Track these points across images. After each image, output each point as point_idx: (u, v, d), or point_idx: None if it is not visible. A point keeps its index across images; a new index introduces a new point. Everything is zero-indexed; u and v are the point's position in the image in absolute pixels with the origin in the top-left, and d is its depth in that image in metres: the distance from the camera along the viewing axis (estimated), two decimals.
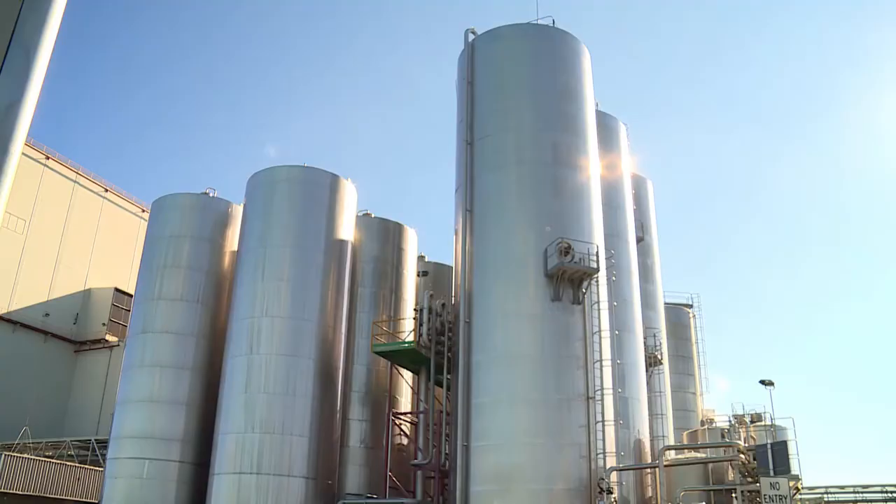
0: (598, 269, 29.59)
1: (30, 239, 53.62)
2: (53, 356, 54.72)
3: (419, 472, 31.66)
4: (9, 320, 52.46)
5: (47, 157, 56.05)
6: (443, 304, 32.71)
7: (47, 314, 54.40)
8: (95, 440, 45.85)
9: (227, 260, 37.87)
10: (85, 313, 56.79)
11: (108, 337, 55.38)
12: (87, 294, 57.27)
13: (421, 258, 42.53)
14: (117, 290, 56.54)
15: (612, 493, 26.71)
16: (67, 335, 55.98)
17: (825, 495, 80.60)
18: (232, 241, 38.10)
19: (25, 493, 39.71)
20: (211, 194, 39.26)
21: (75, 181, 57.80)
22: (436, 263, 42.79)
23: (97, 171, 71.87)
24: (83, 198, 57.90)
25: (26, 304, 53.10)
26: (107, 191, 60.33)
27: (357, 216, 38.56)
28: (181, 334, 35.84)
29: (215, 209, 38.83)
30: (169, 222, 38.29)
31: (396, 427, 35.08)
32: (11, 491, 39.05)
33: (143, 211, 58.56)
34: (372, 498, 33.11)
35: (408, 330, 35.15)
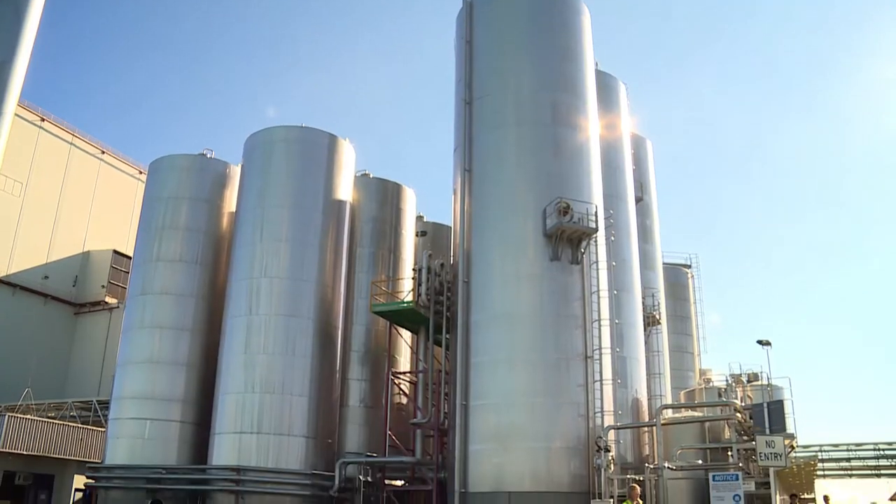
0: (596, 229, 29.61)
1: (27, 201, 53.48)
2: (53, 319, 54.90)
3: (418, 431, 31.89)
4: (8, 283, 52.53)
5: (42, 120, 55.67)
6: (441, 264, 32.77)
7: (46, 277, 54.47)
8: (97, 401, 46.13)
9: (225, 221, 37.82)
10: (84, 276, 56.84)
11: (107, 299, 55.50)
12: (85, 256, 57.27)
13: (419, 218, 42.48)
14: (116, 252, 56.52)
15: (609, 451, 26.96)
16: (67, 297, 56.09)
17: (819, 453, 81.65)
18: (230, 201, 38.01)
19: (29, 452, 40.09)
20: (208, 155, 39.08)
21: (71, 143, 57.45)
22: (434, 223, 42.74)
23: (93, 134, 71.47)
24: (79, 160, 57.62)
25: (25, 266, 53.14)
26: (103, 153, 60.00)
27: (355, 176, 38.46)
28: (180, 295, 35.89)
29: (213, 170, 38.66)
30: (166, 184, 38.14)
31: (396, 386, 35.28)
32: (15, 451, 39.43)
33: (141, 173, 58.31)
34: (372, 457, 33.43)
35: (407, 290, 35.19)
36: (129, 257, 44.83)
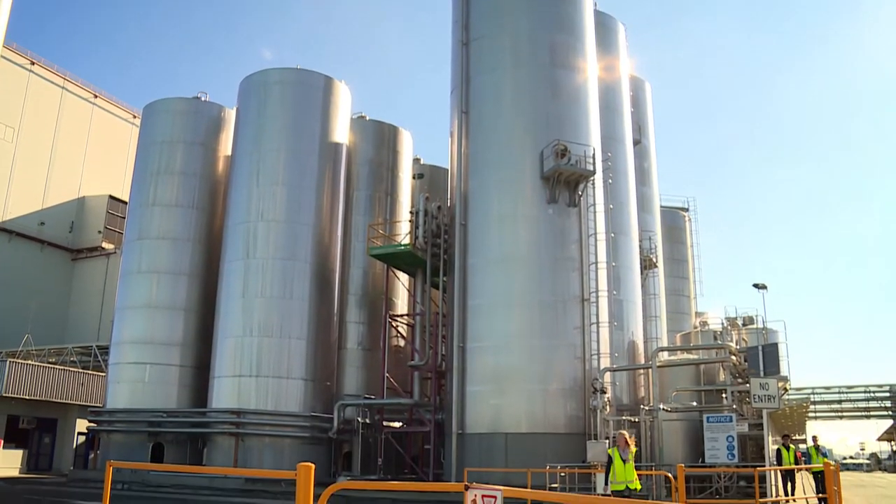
0: (594, 172, 29.50)
1: (20, 147, 52.97)
2: (51, 265, 54.82)
3: (416, 374, 32.16)
4: (4, 229, 52.31)
5: (32, 63, 54.79)
6: (438, 207, 32.70)
7: (42, 223, 54.22)
8: (97, 346, 46.35)
9: (221, 165, 37.58)
10: (80, 221, 56.61)
11: (104, 244, 55.36)
12: (81, 202, 56.97)
13: (416, 161, 42.29)
14: (112, 197, 56.19)
15: (605, 392, 27.20)
16: (64, 244, 55.93)
17: (812, 395, 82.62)
18: (226, 145, 37.73)
19: (31, 397, 40.40)
20: (203, 99, 38.68)
21: (63, 87, 56.70)
22: (431, 166, 42.57)
23: (85, 77, 70.51)
24: (72, 104, 56.94)
25: (21, 213, 52.85)
26: (96, 97, 59.29)
27: (352, 119, 38.17)
28: (177, 240, 35.86)
29: (208, 114, 38.32)
30: (161, 128, 37.82)
31: (393, 329, 35.48)
32: (18, 396, 39.73)
33: (135, 117, 57.65)
34: (370, 399, 33.74)
35: (404, 233, 35.18)
36: (125, 202, 44.60)
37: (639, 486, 14.30)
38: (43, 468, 42.25)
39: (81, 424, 41.92)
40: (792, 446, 22.77)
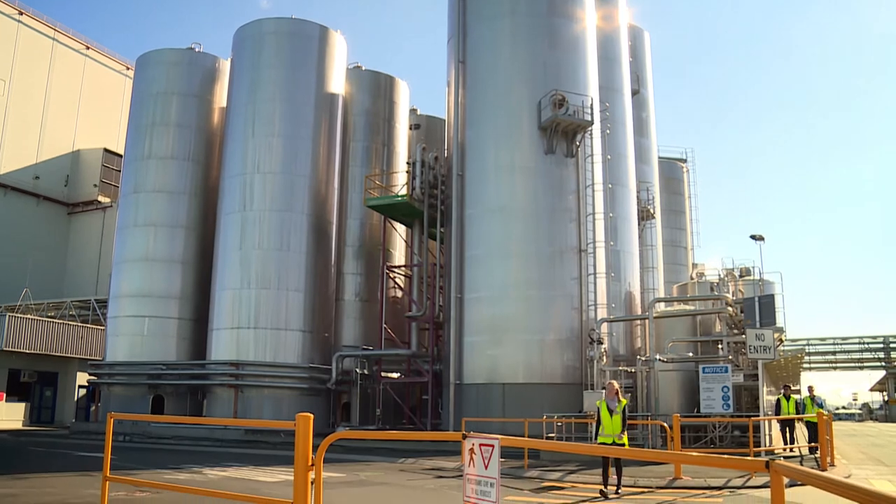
0: (592, 122, 29.29)
1: (12, 101, 52.35)
2: (47, 219, 54.62)
3: (414, 324, 32.30)
4: None
5: (21, 13, 53.87)
6: (436, 157, 32.53)
7: (37, 177, 53.87)
8: (95, 300, 46.44)
9: (216, 116, 37.26)
10: (75, 175, 56.28)
11: (100, 198, 55.11)
12: (76, 155, 56.55)
13: (413, 111, 41.96)
14: (106, 150, 55.77)
15: (602, 343, 27.33)
16: (59, 198, 55.66)
17: (807, 346, 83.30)
18: (220, 97, 37.37)
19: (31, 351, 40.62)
20: (197, 50, 38.18)
21: (54, 38, 55.84)
22: (428, 116, 42.28)
23: (76, 29, 69.41)
24: (63, 56, 56.14)
25: (15, 167, 52.44)
26: (88, 48, 58.43)
27: (348, 69, 37.75)
28: (173, 193, 35.70)
29: (202, 65, 37.86)
30: (155, 79, 37.40)
31: (391, 280, 35.55)
32: (18, 350, 39.94)
33: (128, 69, 56.92)
34: (368, 350, 33.92)
35: (401, 183, 35.06)
36: (121, 155, 44.22)
37: (626, 443, 13.82)
38: (45, 421, 42.67)
39: (82, 378, 42.24)
40: (793, 396, 22.89)
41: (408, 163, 33.76)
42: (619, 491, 13.14)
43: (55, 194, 55.20)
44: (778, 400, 23.02)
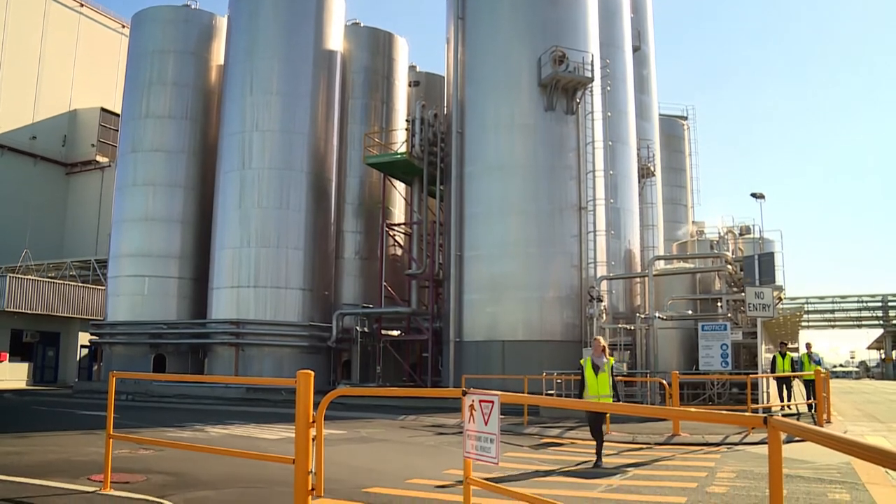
0: (592, 79, 29.05)
1: (6, 60, 51.75)
2: (45, 180, 54.36)
3: (414, 282, 32.38)
4: None
5: None
6: (435, 115, 32.33)
7: (34, 137, 53.50)
8: (95, 260, 46.47)
9: (213, 74, 36.88)
10: (73, 135, 55.91)
11: (98, 158, 54.81)
12: (72, 115, 56.12)
13: (412, 68, 41.57)
14: (103, 109, 55.31)
15: (601, 301, 27.40)
16: (57, 158, 55.35)
17: (806, 304, 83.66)
18: (218, 54, 36.94)
19: (33, 311, 40.76)
20: (193, 6, 37.69)
21: None
22: (427, 73, 41.91)
23: None
24: (57, 14, 55.36)
25: (11, 127, 52.03)
26: (82, 6, 57.58)
27: (346, 26, 37.31)
28: (172, 152, 35.49)
29: (198, 22, 37.36)
30: (151, 37, 36.94)
31: (390, 238, 35.55)
32: (19, 310, 40.07)
33: (123, 27, 56.19)
34: (368, 308, 34.02)
35: (400, 141, 34.86)
36: (118, 115, 43.88)
37: (609, 399, 12.12)
38: (48, 380, 42.95)
39: (84, 338, 42.42)
40: (789, 354, 22.95)
41: (407, 120, 33.55)
42: (600, 463, 11.45)
43: (53, 154, 54.88)
44: (774, 357, 23.11)
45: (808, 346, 24.31)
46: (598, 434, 11.76)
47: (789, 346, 40.17)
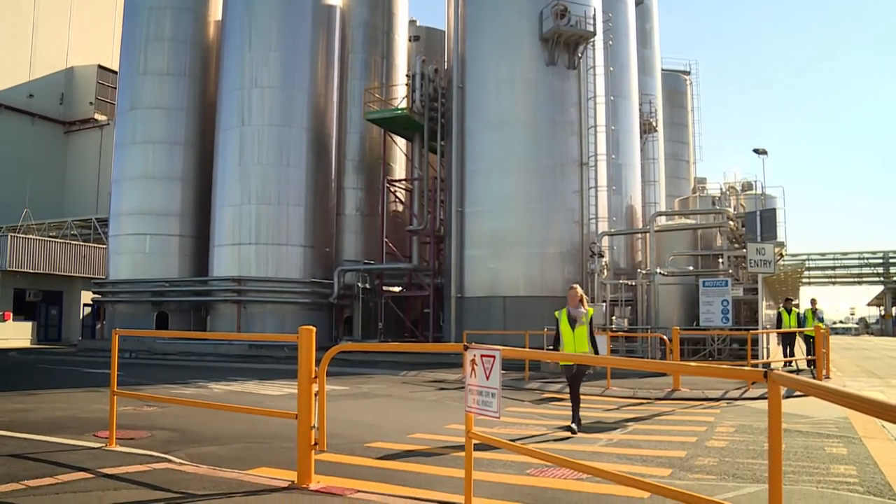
0: (594, 33, 28.73)
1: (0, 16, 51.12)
2: (44, 138, 54.00)
3: (415, 238, 32.37)
4: None
5: None
6: (435, 70, 32.02)
7: (31, 95, 53.00)
8: (96, 219, 46.40)
9: (212, 30, 36.42)
10: (70, 93, 55.41)
11: (96, 116, 54.39)
12: (69, 73, 55.54)
13: (412, 23, 41.07)
14: (101, 67, 54.69)
15: (603, 256, 27.43)
16: (55, 116, 54.89)
17: (807, 261, 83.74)
18: (215, 10, 36.43)
19: (35, 271, 40.86)
20: None
21: None
22: (428, 28, 41.39)
23: None
24: None
25: (7, 85, 51.51)
26: None
27: None
28: (171, 109, 35.18)
29: None
30: None
31: (391, 194, 35.48)
32: (22, 270, 40.17)
33: None
34: (369, 264, 34.06)
35: (401, 97, 34.58)
36: (115, 72, 43.42)
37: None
38: (52, 339, 43.21)
39: (86, 296, 42.57)
40: (794, 310, 22.84)
41: (407, 75, 33.24)
42: (578, 428, 10.22)
43: (50, 113, 54.43)
44: (779, 313, 23.11)
45: (813, 301, 24.13)
46: (576, 396, 10.49)
47: (793, 301, 40.30)
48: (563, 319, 10.66)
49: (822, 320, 22.66)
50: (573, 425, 10.17)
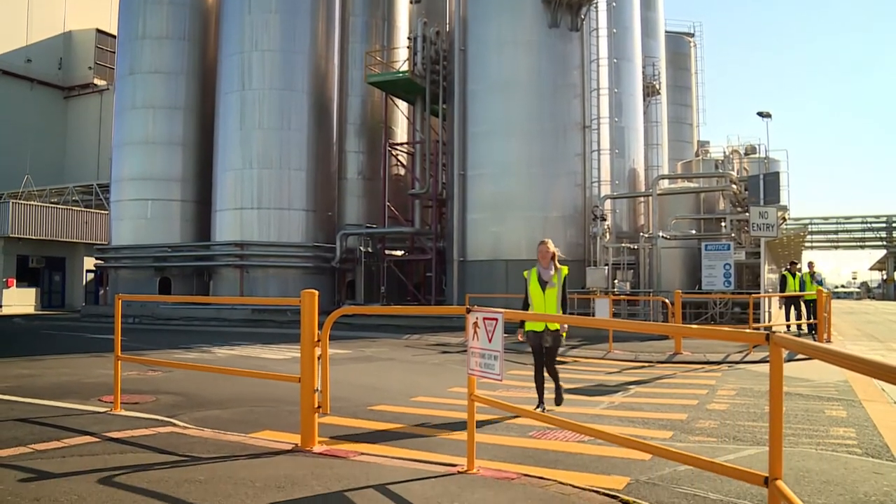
0: None
1: None
2: (43, 104, 53.66)
3: (417, 202, 32.30)
4: None
5: None
6: (437, 32, 31.70)
7: (29, 60, 52.57)
8: (97, 185, 46.33)
9: None
10: (69, 57, 54.95)
11: (96, 81, 54.02)
12: (67, 37, 55.02)
13: None
14: (99, 31, 54.19)
15: (605, 220, 27.36)
16: (54, 81, 54.51)
17: (810, 225, 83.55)
18: None
19: (38, 237, 40.88)
20: None
21: None
22: None
23: None
24: None
25: (4, 50, 51.06)
26: None
27: None
28: (170, 73, 34.91)
29: None
30: None
31: (393, 158, 35.36)
32: (24, 236, 40.19)
33: None
34: (371, 228, 34.05)
35: (402, 59, 34.30)
36: (114, 36, 43.05)
37: (564, 332, 9.19)
38: (56, 305, 43.38)
39: (89, 262, 42.64)
40: (798, 273, 22.68)
41: (409, 38, 32.94)
42: (559, 403, 9.08)
43: (49, 78, 54.03)
44: (783, 276, 23.04)
45: (811, 265, 23.98)
46: (541, 376, 9.09)
47: (797, 264, 40.23)
48: (533, 280, 9.22)
49: (821, 283, 22.55)
50: (541, 407, 8.75)
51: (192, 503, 4.53)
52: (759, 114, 37.47)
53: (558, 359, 9.67)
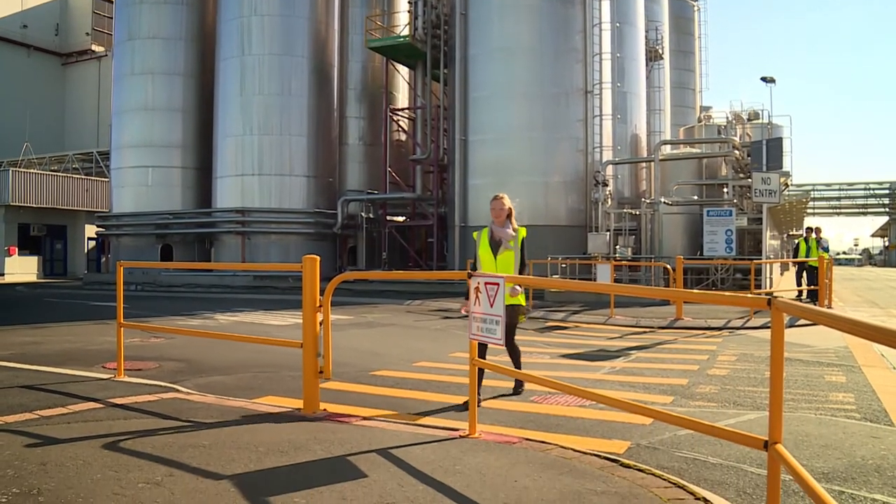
0: None
1: None
2: (41, 71, 53.33)
3: (418, 167, 32.20)
4: None
5: None
6: None
7: (25, 26, 52.12)
8: (97, 152, 46.20)
9: None
10: (66, 23, 54.49)
11: (94, 47, 53.63)
12: (63, 2, 54.52)
13: None
14: None
15: (607, 185, 27.30)
16: (51, 48, 54.12)
17: (812, 191, 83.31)
18: None
19: (38, 205, 40.84)
20: None
21: None
22: None
23: None
24: None
25: None
26: None
27: None
28: (169, 39, 34.64)
29: None
30: None
31: (394, 123, 35.19)
32: (25, 205, 40.15)
33: None
34: (373, 194, 33.99)
35: (403, 24, 33.99)
36: (111, 1, 42.66)
37: (521, 301, 7.63)
38: (58, 273, 43.49)
39: (90, 230, 42.66)
40: (813, 239, 22.36)
41: (409, 2, 32.57)
42: (521, 390, 7.83)
43: (46, 44, 53.61)
44: (798, 243, 22.89)
45: (818, 230, 23.32)
46: (513, 346, 7.70)
47: (792, 232, 40.08)
48: (483, 242, 7.63)
49: (826, 250, 22.37)
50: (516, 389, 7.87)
51: (196, 468, 4.56)
52: (763, 79, 37.25)
53: (559, 324, 9.71)
